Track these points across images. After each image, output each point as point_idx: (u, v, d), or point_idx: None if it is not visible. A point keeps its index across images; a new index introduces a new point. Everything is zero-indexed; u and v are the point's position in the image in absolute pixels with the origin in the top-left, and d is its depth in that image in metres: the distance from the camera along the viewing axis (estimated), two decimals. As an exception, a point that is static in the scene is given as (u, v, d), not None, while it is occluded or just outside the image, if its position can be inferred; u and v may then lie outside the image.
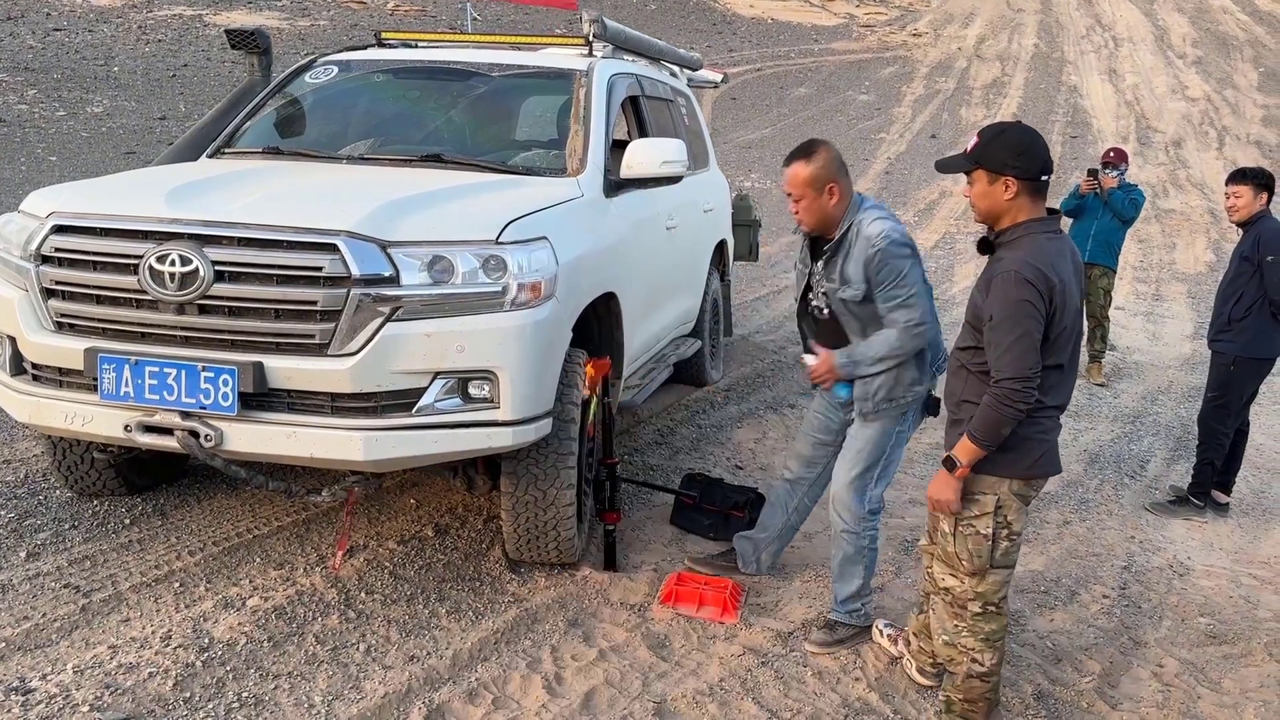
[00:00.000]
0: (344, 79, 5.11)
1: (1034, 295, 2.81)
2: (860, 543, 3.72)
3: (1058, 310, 2.86)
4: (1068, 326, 2.92)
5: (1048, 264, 2.85)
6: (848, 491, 3.71)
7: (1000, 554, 3.04)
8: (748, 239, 7.76)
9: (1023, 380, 2.82)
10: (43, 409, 3.55)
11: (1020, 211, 2.94)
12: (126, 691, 3.17)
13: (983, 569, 3.04)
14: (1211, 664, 3.87)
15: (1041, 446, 2.99)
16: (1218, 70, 24.21)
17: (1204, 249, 13.99)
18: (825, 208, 3.53)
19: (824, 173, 3.49)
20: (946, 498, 3.00)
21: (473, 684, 3.36)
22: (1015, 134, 2.97)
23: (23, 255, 3.56)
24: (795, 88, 23.07)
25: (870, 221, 3.49)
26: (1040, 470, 3.02)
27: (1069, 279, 2.91)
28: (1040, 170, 2.91)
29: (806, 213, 3.56)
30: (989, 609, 3.08)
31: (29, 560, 3.94)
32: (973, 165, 2.96)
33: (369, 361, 3.31)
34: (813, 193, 3.51)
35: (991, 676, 3.13)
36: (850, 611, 3.78)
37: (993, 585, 3.07)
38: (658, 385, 5.41)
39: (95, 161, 12.48)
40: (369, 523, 4.45)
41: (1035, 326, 2.83)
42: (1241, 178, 5.40)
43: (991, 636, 3.09)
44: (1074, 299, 2.93)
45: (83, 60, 17.67)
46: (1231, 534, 5.21)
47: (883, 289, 3.46)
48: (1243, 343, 5.27)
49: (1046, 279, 2.83)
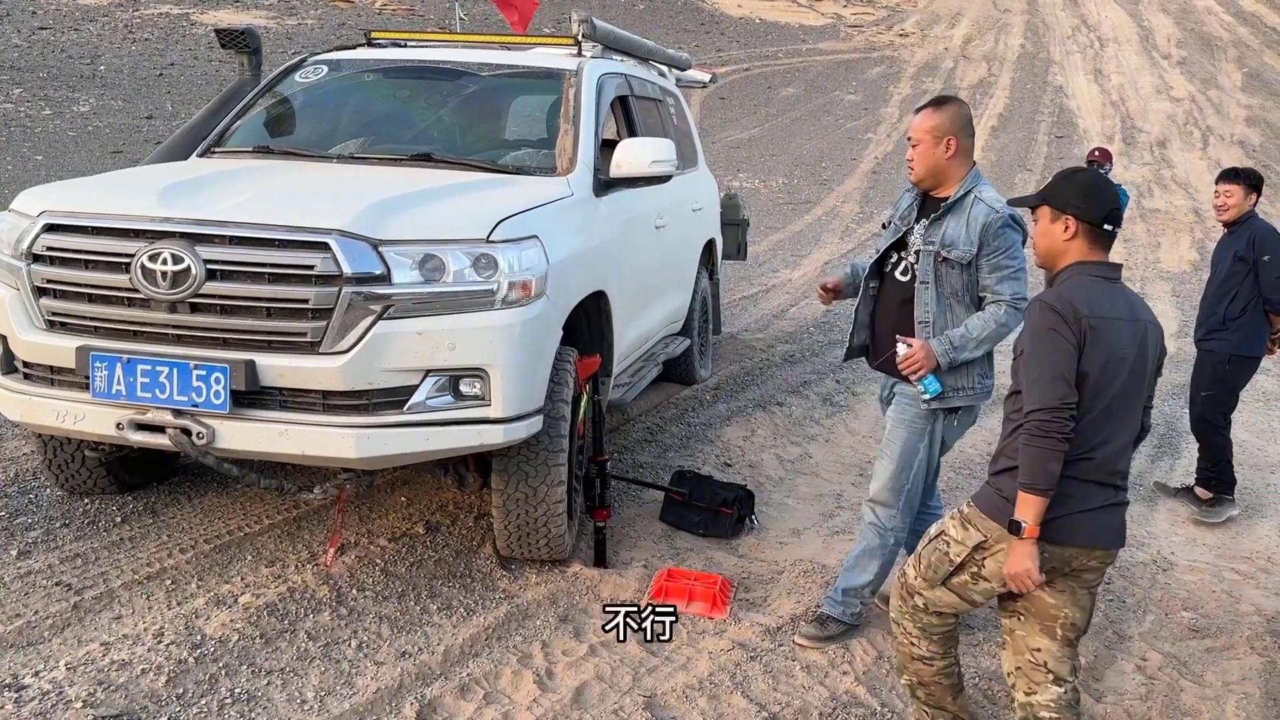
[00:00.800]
0: (334, 78, 5.12)
1: (1059, 323, 2.66)
2: (885, 540, 3.71)
3: (1087, 346, 2.66)
4: (1098, 374, 2.67)
5: (1083, 299, 2.69)
6: (886, 491, 3.68)
7: (956, 583, 2.89)
8: (736, 238, 7.79)
9: (1052, 410, 2.62)
10: (34, 407, 3.56)
11: (1076, 256, 2.80)
12: (119, 688, 3.18)
13: (934, 582, 2.92)
14: (1194, 657, 3.92)
15: (1057, 508, 2.67)
16: (1202, 70, 24.38)
17: (1188, 248, 14.08)
18: (939, 159, 3.50)
19: (947, 124, 3.48)
20: (1024, 568, 2.67)
21: (464, 679, 3.39)
22: (1086, 177, 2.89)
23: (14, 254, 3.57)
24: (783, 88, 23.13)
25: (991, 195, 3.50)
26: (1045, 534, 2.67)
27: (1113, 320, 2.70)
28: (1103, 217, 2.78)
29: (920, 160, 3.53)
30: (931, 608, 2.97)
31: (20, 558, 3.95)
32: (1039, 202, 2.87)
33: (360, 359, 3.33)
34: (930, 139, 3.50)
35: (935, 661, 3.03)
36: (845, 606, 3.79)
37: (940, 598, 2.93)
38: (647, 383, 5.44)
39: (82, 160, 12.43)
40: (360, 520, 4.47)
41: (1063, 357, 2.65)
42: (1234, 177, 5.42)
43: (930, 628, 2.99)
44: (1117, 348, 2.69)
45: (69, 59, 17.59)
46: (1214, 530, 5.27)
47: (993, 257, 3.43)
48: (1236, 341, 5.31)
49: (1075, 310, 2.66)
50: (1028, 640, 2.89)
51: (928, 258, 3.51)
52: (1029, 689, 2.90)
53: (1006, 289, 3.44)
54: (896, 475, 3.66)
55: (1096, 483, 2.74)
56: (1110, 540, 2.82)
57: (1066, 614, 2.84)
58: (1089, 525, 2.74)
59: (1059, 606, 2.83)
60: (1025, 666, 2.90)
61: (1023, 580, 2.70)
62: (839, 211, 15.25)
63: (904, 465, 3.64)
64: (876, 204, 15.78)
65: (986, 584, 2.86)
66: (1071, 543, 2.73)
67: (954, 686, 3.12)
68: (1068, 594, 2.83)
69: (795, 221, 14.47)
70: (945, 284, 3.51)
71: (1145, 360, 2.77)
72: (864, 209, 15.44)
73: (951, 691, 3.12)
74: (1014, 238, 3.45)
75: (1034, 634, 2.88)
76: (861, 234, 13.90)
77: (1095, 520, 2.75)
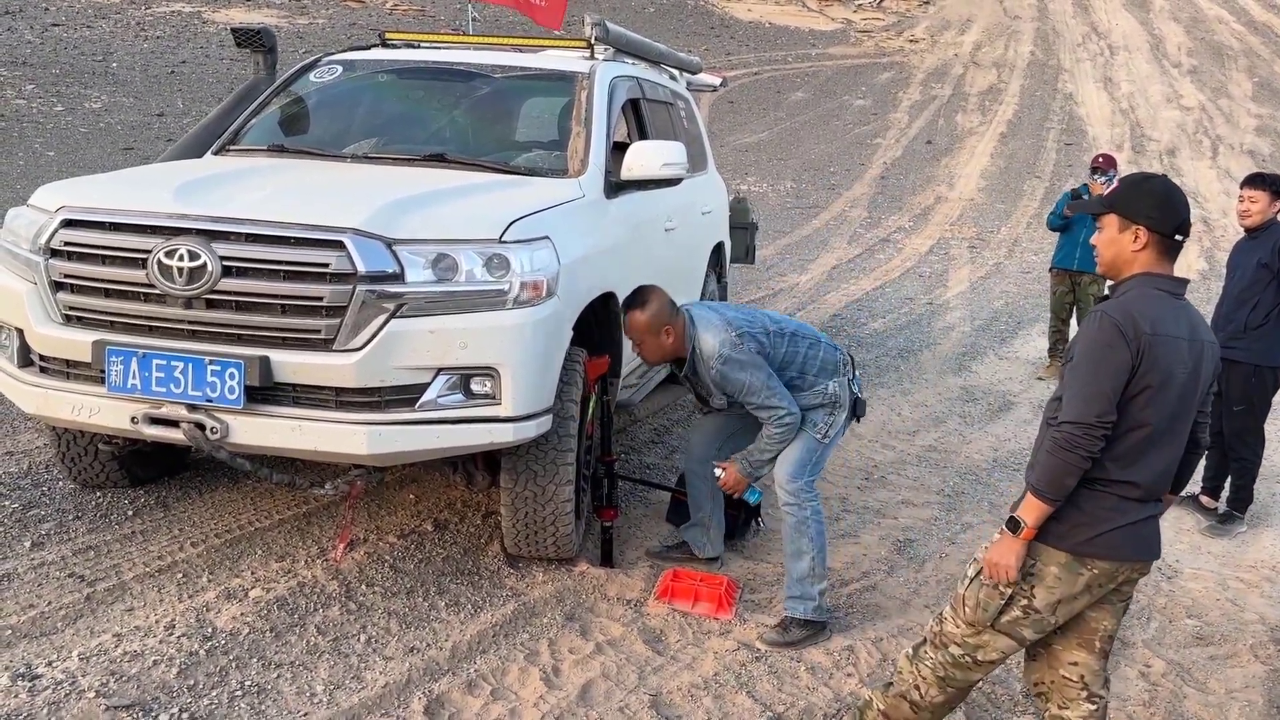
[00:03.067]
0: (348, 78, 5.16)
1: (1117, 339, 2.56)
2: (803, 513, 3.90)
3: (1144, 364, 2.57)
4: (1157, 390, 2.59)
5: (1147, 316, 2.59)
6: (786, 481, 3.93)
7: (1007, 620, 2.75)
8: (745, 241, 7.82)
9: (1086, 427, 2.55)
10: (50, 400, 3.59)
11: (1143, 267, 2.69)
12: (131, 678, 3.22)
13: (982, 624, 2.77)
14: (1198, 665, 3.93)
15: (1102, 524, 2.64)
16: (1212, 79, 24.35)
17: (1196, 256, 14.07)
18: (665, 346, 3.91)
19: (658, 319, 3.87)
20: (1006, 562, 2.67)
21: (471, 675, 3.42)
22: (1159, 185, 2.74)
23: (32, 249, 3.61)
24: (792, 92, 23.16)
25: (703, 339, 3.85)
26: (1095, 550, 2.65)
27: (1173, 339, 2.60)
28: (1175, 228, 2.66)
29: (650, 354, 3.96)
30: (967, 661, 2.83)
31: (34, 550, 3.99)
32: (1106, 209, 2.74)
33: (373, 357, 3.36)
34: (651, 334, 3.89)
35: (921, 712, 2.94)
36: (803, 598, 3.83)
37: (984, 644, 2.80)
38: (655, 385, 5.47)
39: (93, 157, 12.50)
40: (369, 517, 4.51)
41: (1112, 373, 2.57)
42: (1259, 182, 5.33)
43: (950, 680, 2.87)
44: (1174, 368, 2.59)
45: (81, 56, 17.68)
46: (1219, 538, 5.28)
47: (737, 398, 3.87)
48: (1259, 350, 5.24)
49: (1136, 325, 2.57)
50: (1064, 654, 2.85)
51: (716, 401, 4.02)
52: (1062, 704, 2.86)
53: (763, 415, 3.84)
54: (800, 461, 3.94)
55: (1138, 500, 2.68)
56: (1152, 552, 2.77)
57: (1105, 626, 2.82)
58: (1134, 540, 2.70)
59: (1099, 619, 2.81)
60: (1059, 682, 2.86)
61: (999, 571, 2.68)
62: (847, 216, 15.27)
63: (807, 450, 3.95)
64: (884, 209, 15.80)
65: (1038, 617, 2.73)
66: (1119, 557, 2.69)
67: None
68: (1108, 607, 2.80)
69: (803, 226, 14.50)
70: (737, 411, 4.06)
71: (1198, 380, 2.68)
72: (872, 214, 15.46)
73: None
74: (739, 379, 3.79)
75: (1071, 648, 2.84)
76: (869, 239, 13.92)
77: (1139, 534, 2.71)
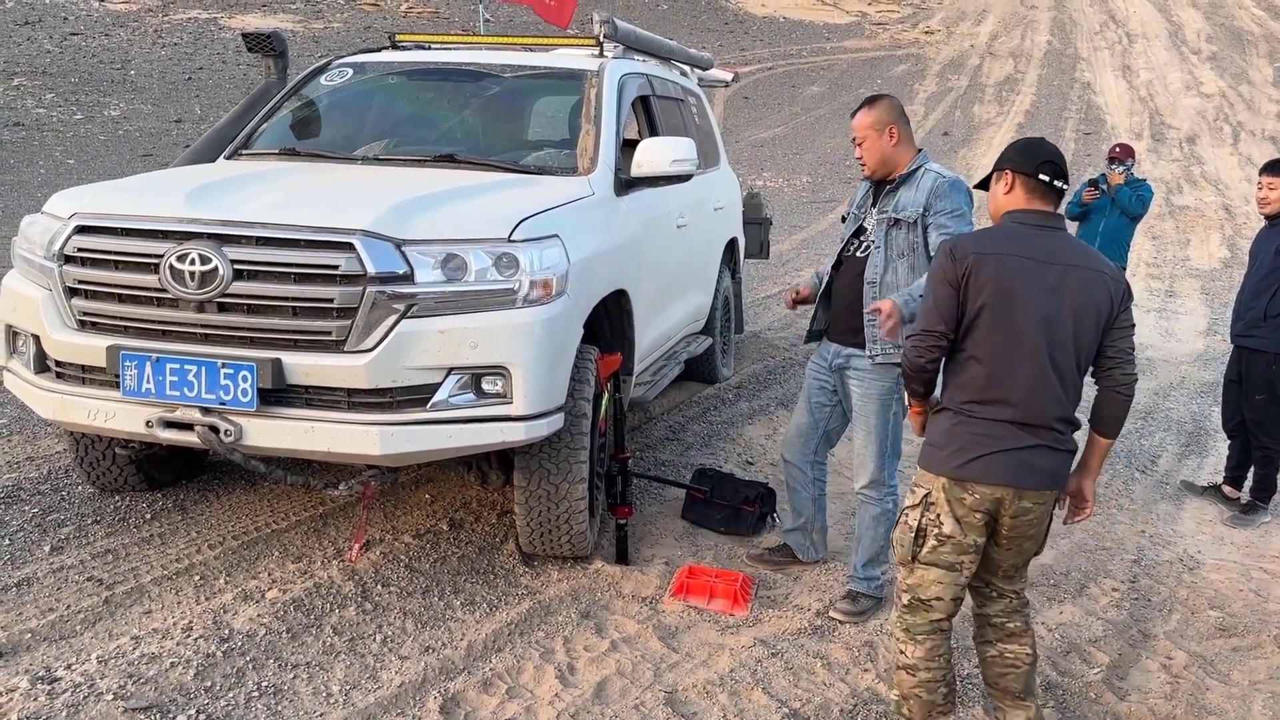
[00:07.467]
0: (359, 81, 5.18)
1: (945, 262, 2.82)
2: (885, 505, 3.92)
3: (971, 281, 2.77)
4: (996, 309, 2.76)
5: (986, 241, 2.84)
6: (867, 460, 3.90)
7: (927, 551, 2.89)
8: (759, 237, 7.80)
9: (918, 337, 2.86)
10: (66, 405, 3.62)
11: (1012, 206, 2.92)
12: (149, 681, 3.24)
13: (906, 560, 2.95)
14: (1220, 656, 3.89)
15: (973, 449, 2.81)
16: (1232, 66, 24.09)
17: (1218, 245, 13.94)
18: (885, 148, 3.75)
19: (885, 116, 3.74)
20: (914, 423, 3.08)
21: (487, 674, 3.42)
22: (1024, 138, 3.08)
23: (46, 255, 3.64)
24: (808, 86, 23.09)
25: (939, 167, 3.78)
26: (969, 475, 2.81)
27: (1013, 258, 2.78)
28: (1036, 166, 2.87)
29: (868, 153, 3.78)
30: (915, 603, 2.95)
31: (53, 554, 4.02)
32: (994, 169, 3.02)
33: (384, 357, 3.37)
34: (874, 133, 3.75)
35: (918, 671, 2.97)
36: (868, 579, 3.97)
37: (920, 581, 2.93)
38: (669, 382, 5.46)
39: (112, 164, 12.62)
40: (385, 517, 4.52)
41: (940, 290, 2.81)
42: (1277, 169, 5.26)
43: (914, 629, 2.96)
44: (1005, 281, 2.75)
45: (99, 64, 17.85)
46: (1242, 528, 5.22)
47: (938, 216, 3.66)
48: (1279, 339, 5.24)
49: (965, 248, 2.80)
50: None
51: (881, 225, 3.78)
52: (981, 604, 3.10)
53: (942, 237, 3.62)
54: (879, 455, 3.89)
55: (1019, 424, 2.79)
56: (1035, 480, 2.82)
57: (1011, 562, 3.00)
58: (1011, 465, 2.79)
59: (1003, 558, 2.98)
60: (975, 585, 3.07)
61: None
62: (863, 210, 15.19)
63: (882, 438, 3.88)
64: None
65: (955, 541, 2.86)
66: (991, 480, 2.79)
67: (935, 705, 3.00)
68: (1013, 551, 2.95)
69: (819, 220, 14.44)
70: (893, 246, 3.75)
71: (1065, 302, 2.76)
72: (888, 207, 15.38)
73: (932, 710, 3.01)
74: (958, 198, 3.67)
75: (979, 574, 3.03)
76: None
77: (1021, 460, 2.79)
